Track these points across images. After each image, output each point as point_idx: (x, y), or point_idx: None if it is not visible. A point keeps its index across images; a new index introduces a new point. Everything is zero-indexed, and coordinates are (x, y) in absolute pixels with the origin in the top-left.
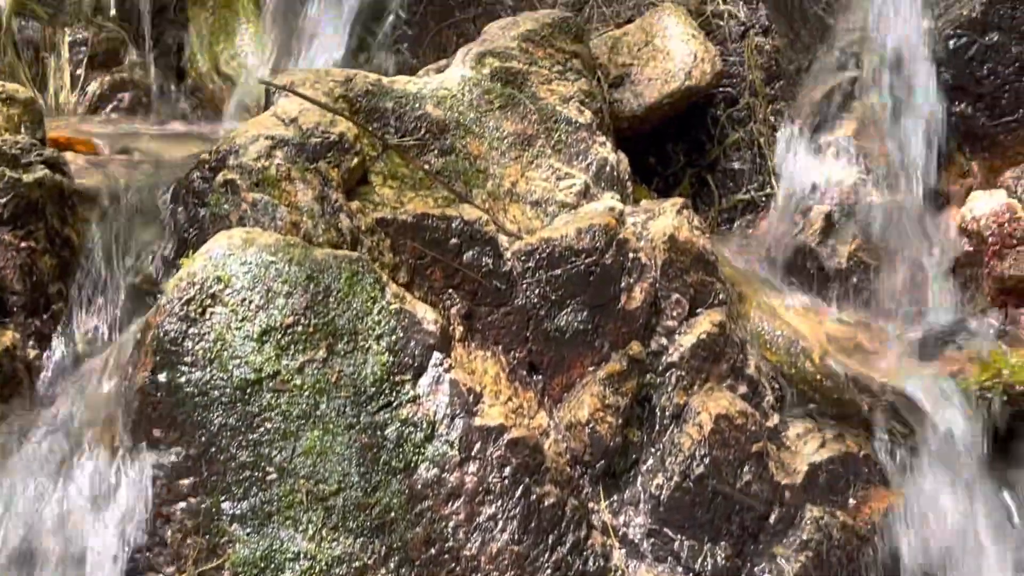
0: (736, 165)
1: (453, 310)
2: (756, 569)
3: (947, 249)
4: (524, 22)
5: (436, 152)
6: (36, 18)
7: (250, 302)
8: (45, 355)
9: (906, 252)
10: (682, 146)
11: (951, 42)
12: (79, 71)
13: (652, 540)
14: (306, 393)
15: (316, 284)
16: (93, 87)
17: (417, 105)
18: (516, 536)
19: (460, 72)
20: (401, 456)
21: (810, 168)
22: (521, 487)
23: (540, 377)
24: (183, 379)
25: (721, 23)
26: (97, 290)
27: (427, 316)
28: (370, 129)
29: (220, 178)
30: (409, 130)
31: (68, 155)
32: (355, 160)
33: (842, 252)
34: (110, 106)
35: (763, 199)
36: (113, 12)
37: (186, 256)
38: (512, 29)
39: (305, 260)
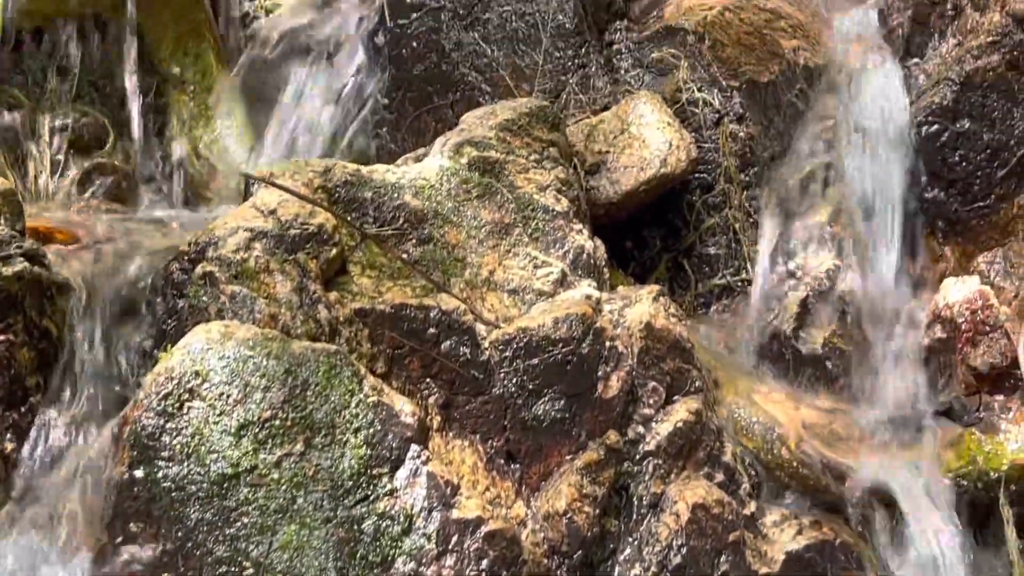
0: (712, 250)
1: (431, 400)
2: None
3: (922, 335)
4: (502, 111)
5: (415, 241)
6: (17, 105)
7: (228, 396)
8: (23, 449)
9: (881, 338)
10: (658, 231)
11: (924, 129)
12: (60, 156)
13: None
14: (283, 487)
15: (294, 378)
16: (74, 172)
17: (396, 195)
18: None
19: (438, 162)
20: (378, 550)
21: (785, 254)
22: None
23: (518, 466)
24: (160, 474)
25: (696, 111)
26: (76, 383)
27: (405, 408)
28: (348, 220)
29: (199, 270)
30: (388, 220)
31: (48, 246)
32: (334, 251)
33: (818, 338)
34: (90, 191)
35: (739, 284)
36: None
37: (165, 348)
38: (490, 119)
39: (283, 354)
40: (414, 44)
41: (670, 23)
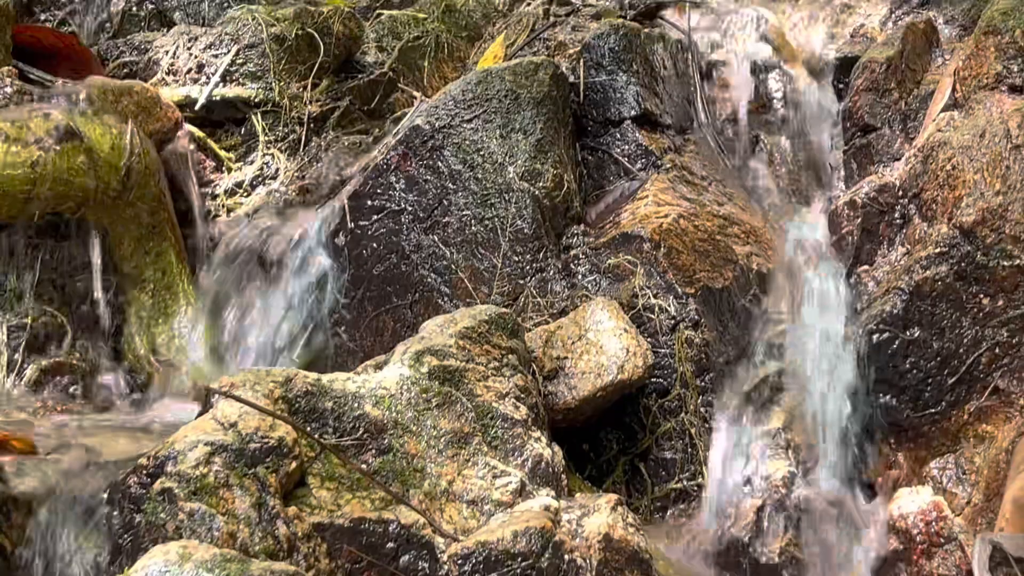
0: (668, 454)
1: None
2: None
3: (876, 546)
4: (462, 319)
5: (374, 452)
6: None
7: None
8: None
9: (837, 547)
10: (615, 434)
11: (875, 336)
12: (17, 355)
13: None
14: None
15: None
16: (31, 371)
17: (356, 405)
18: None
19: (399, 371)
20: None
21: (740, 460)
22: None
23: None
24: None
25: (652, 316)
26: None
27: None
28: (307, 432)
29: (158, 485)
30: (348, 430)
31: (4, 456)
32: (293, 464)
33: (774, 547)
34: (47, 390)
35: (695, 489)
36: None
37: (120, 567)
38: (450, 327)
39: None
40: (374, 245)
41: (626, 230)
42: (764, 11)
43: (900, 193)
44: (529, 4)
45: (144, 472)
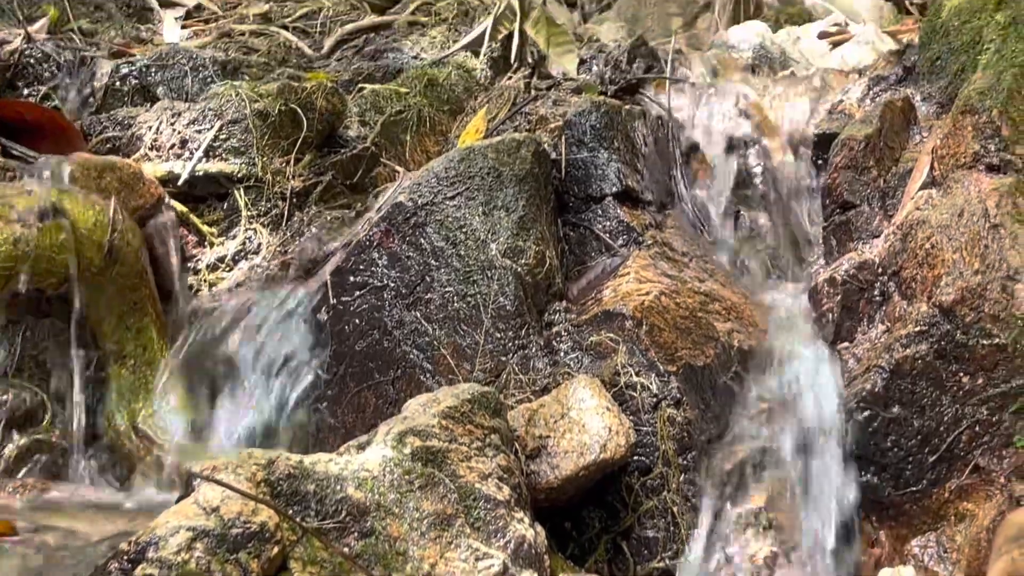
0: (650, 533)
1: None
2: None
3: None
4: (444, 398)
5: (356, 535)
6: None
7: None
8: None
9: None
10: (598, 512)
11: (856, 415)
12: None
13: None
14: None
15: None
16: (10, 450)
17: (339, 487)
18: None
19: (381, 452)
20: None
21: (723, 539)
22: None
23: None
24: None
25: (634, 394)
26: None
27: None
28: (290, 516)
29: (139, 571)
30: (330, 513)
31: None
32: (275, 549)
33: None
34: (25, 468)
35: (678, 567)
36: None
37: None
38: (433, 406)
39: None
40: (356, 321)
41: (608, 307)
42: (743, 87)
43: (880, 271)
44: (510, 78)
45: (125, 558)
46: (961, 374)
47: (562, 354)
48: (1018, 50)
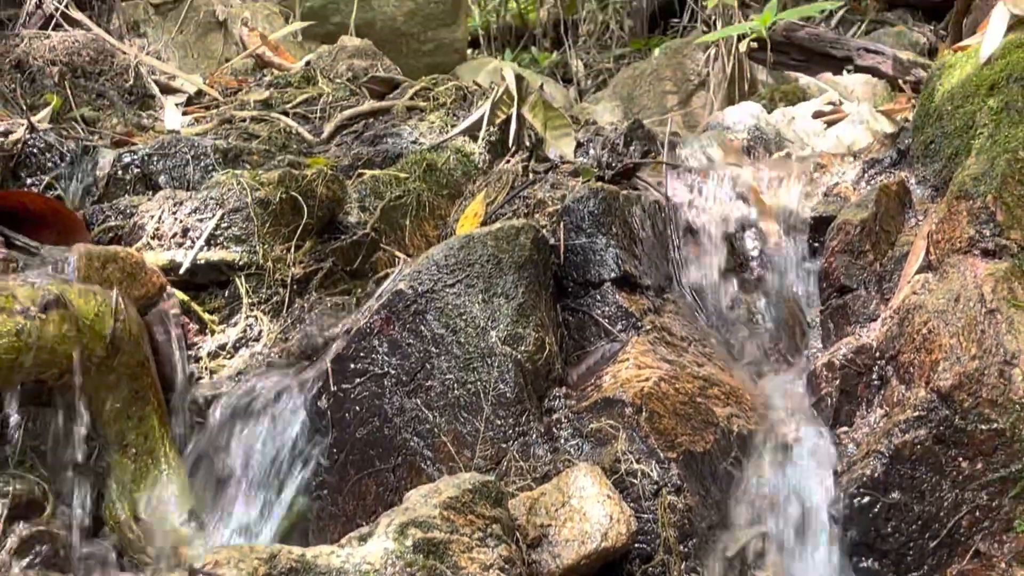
0: None
1: None
2: None
3: None
4: (446, 489)
5: None
6: None
7: None
8: None
9: None
10: None
11: (856, 500)
12: None
13: None
14: None
15: None
16: (11, 542)
17: None
18: None
19: (383, 544)
20: None
21: None
22: None
23: None
24: None
25: (635, 481)
26: None
27: None
28: None
29: None
30: None
31: None
32: None
33: None
34: (28, 560)
35: None
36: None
37: None
38: (434, 496)
39: None
40: (357, 408)
41: (608, 394)
42: (739, 169)
43: (877, 355)
44: (508, 161)
45: None
46: (960, 459)
47: (562, 441)
48: (1011, 136)
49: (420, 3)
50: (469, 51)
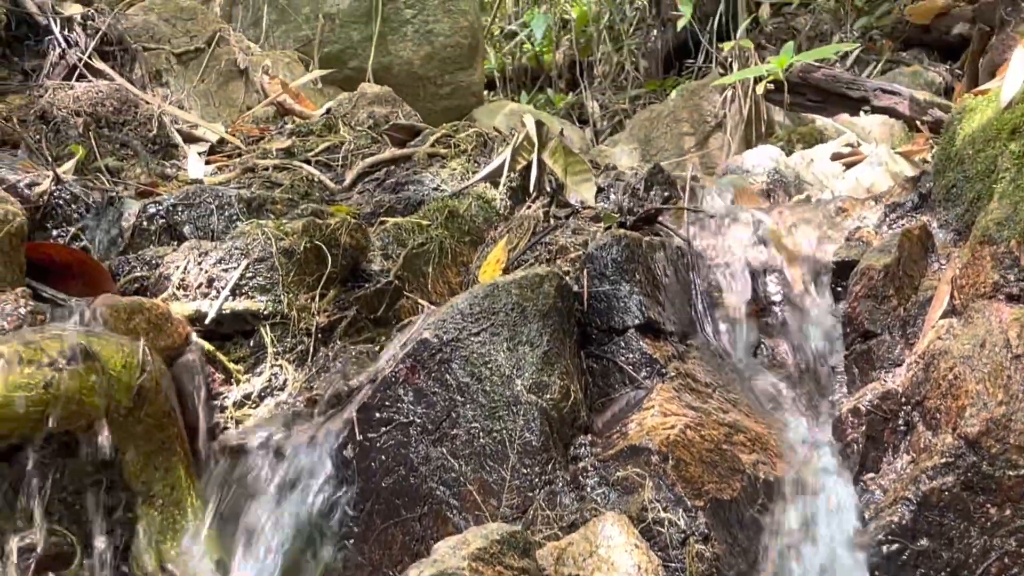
0: None
1: None
2: None
3: None
4: (473, 540)
5: None
6: None
7: None
8: None
9: None
10: None
11: (884, 547)
12: None
13: None
14: None
15: None
16: None
17: None
18: None
19: None
20: None
21: None
22: None
23: None
24: None
25: (662, 530)
26: None
27: None
28: None
29: None
30: None
31: None
32: None
33: None
34: None
35: None
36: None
37: None
38: (462, 548)
39: None
40: (383, 457)
41: (634, 442)
42: (760, 214)
43: (903, 400)
44: (529, 207)
45: None
46: (989, 505)
47: (589, 489)
48: None
49: (437, 47)
50: (485, 93)
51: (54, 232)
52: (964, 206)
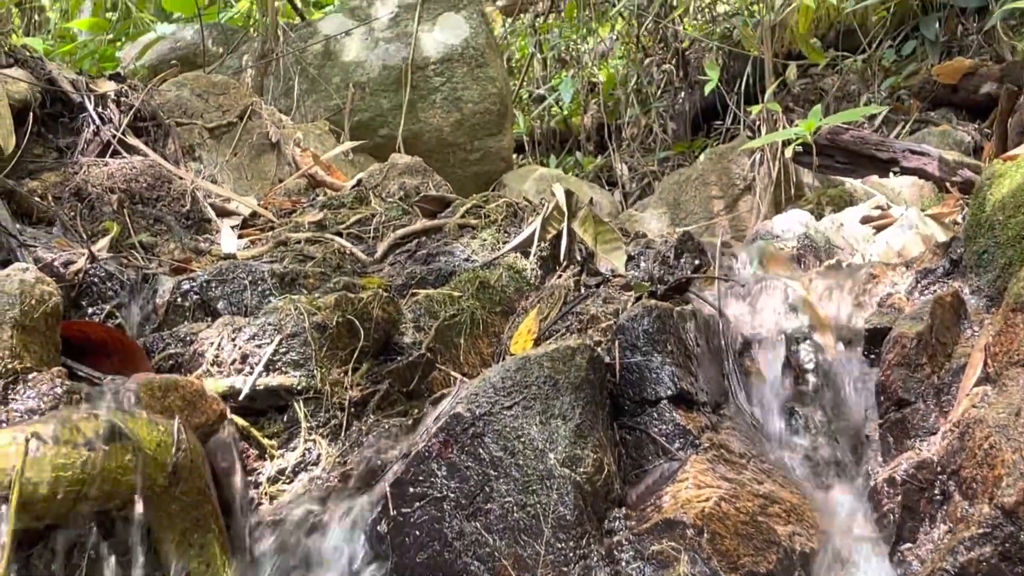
0: None
1: None
2: None
3: None
4: None
5: None
6: None
7: None
8: None
9: None
10: None
11: None
12: None
13: None
14: None
15: None
16: None
17: None
18: None
19: None
20: None
21: None
22: None
23: None
24: None
25: None
26: None
27: None
28: None
29: None
30: None
31: None
32: None
33: None
34: None
35: None
36: None
37: None
38: None
39: None
40: (416, 532)
41: (669, 515)
42: (791, 281)
43: (939, 470)
44: (560, 276)
45: None
46: None
47: (624, 564)
48: None
49: (467, 114)
50: (515, 156)
51: (89, 310)
52: (996, 272)
